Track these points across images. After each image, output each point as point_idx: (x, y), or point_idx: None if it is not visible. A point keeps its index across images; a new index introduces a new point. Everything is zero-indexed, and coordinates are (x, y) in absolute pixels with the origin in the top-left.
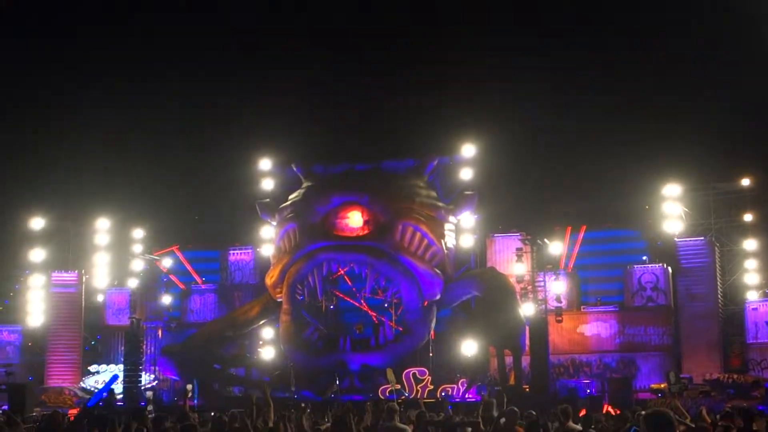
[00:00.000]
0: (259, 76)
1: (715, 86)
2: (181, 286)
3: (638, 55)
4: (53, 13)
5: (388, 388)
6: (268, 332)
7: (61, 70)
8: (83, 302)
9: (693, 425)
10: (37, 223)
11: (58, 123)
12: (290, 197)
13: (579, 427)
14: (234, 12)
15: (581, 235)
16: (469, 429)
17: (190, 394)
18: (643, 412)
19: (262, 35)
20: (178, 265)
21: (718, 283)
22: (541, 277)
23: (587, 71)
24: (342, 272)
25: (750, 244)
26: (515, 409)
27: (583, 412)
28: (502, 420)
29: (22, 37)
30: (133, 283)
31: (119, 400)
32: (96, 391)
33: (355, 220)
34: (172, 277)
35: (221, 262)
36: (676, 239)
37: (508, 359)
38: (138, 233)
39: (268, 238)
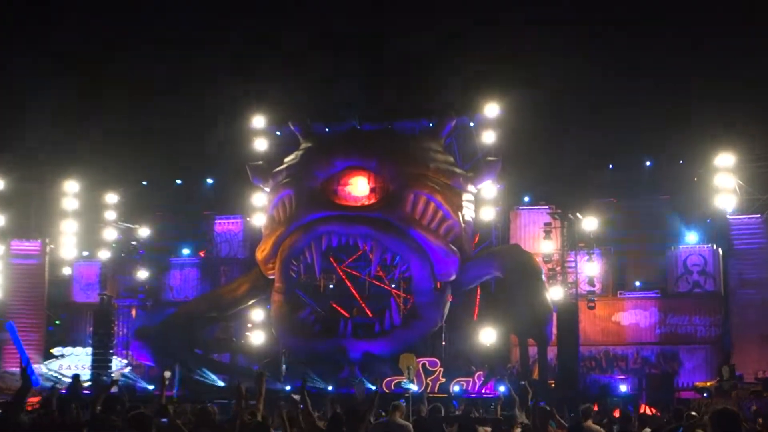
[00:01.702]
0: (252, 22)
1: None
2: (159, 259)
3: (690, 3)
4: None
5: (394, 380)
6: (257, 314)
7: (26, 8)
8: (47, 276)
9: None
10: None
11: (19, 70)
12: (286, 160)
13: (598, 427)
14: None
15: (619, 209)
16: (489, 429)
17: (167, 383)
18: (690, 413)
19: None
20: (157, 235)
21: None
22: (571, 257)
23: (630, 20)
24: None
25: None
26: (546, 407)
27: (616, 413)
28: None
29: None
30: (104, 254)
31: (86, 388)
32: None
33: (360, 187)
34: (149, 249)
35: (206, 232)
36: (728, 217)
37: (532, 350)
38: (111, 198)
39: (260, 206)
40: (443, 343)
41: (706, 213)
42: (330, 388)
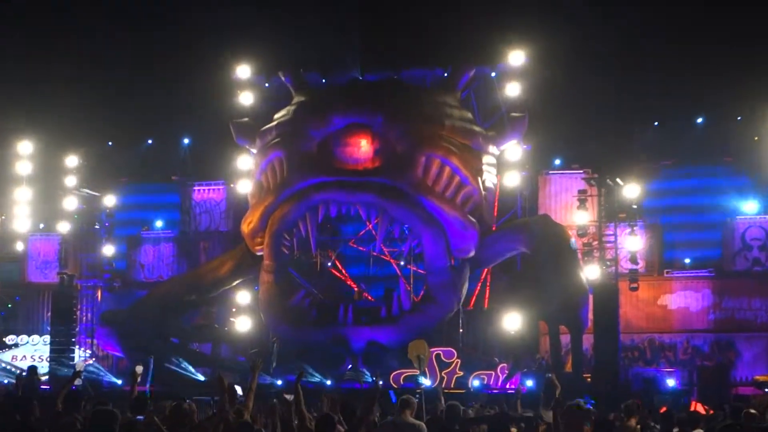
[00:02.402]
0: None
1: None
2: (129, 232)
3: None
4: None
5: (404, 373)
6: (243, 296)
7: None
8: None
9: None
10: None
11: None
12: (276, 117)
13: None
14: None
15: (666, 174)
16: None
17: (140, 378)
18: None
19: None
20: (125, 205)
21: None
22: (610, 230)
23: None
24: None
25: None
26: (581, 405)
27: (663, 410)
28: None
29: None
30: (64, 227)
31: (44, 383)
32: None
33: (362, 148)
34: (117, 221)
35: (183, 201)
36: None
37: (565, 339)
38: (71, 161)
39: (246, 171)
40: (460, 330)
41: None
42: (329, 383)
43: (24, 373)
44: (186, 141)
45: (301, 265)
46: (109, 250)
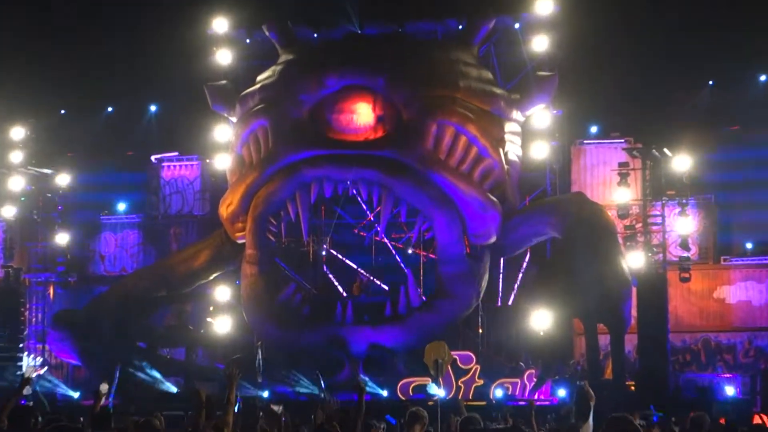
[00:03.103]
0: None
1: None
2: (86, 218)
3: None
4: None
5: (413, 382)
6: (222, 292)
7: None
8: None
9: None
10: None
11: None
12: (259, 78)
13: None
14: None
15: (723, 143)
16: None
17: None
18: None
19: None
20: (82, 185)
21: None
22: (657, 210)
23: None
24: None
25: None
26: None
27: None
28: None
29: None
30: (8, 211)
31: None
32: None
33: (362, 115)
34: (72, 204)
35: (149, 180)
36: None
37: (604, 339)
38: (17, 133)
39: (224, 143)
40: (480, 330)
41: None
42: (322, 395)
43: None
44: (153, 109)
45: (291, 254)
46: (62, 238)
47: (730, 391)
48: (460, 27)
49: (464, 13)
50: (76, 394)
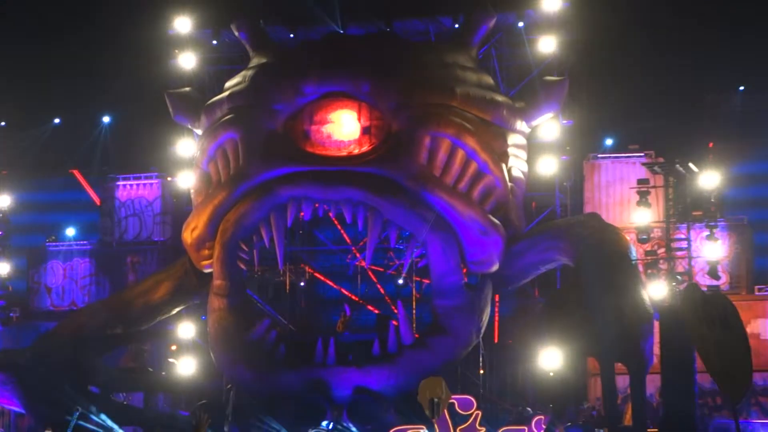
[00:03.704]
0: None
1: None
2: (30, 244)
3: None
4: None
5: (406, 431)
6: (186, 329)
7: None
8: None
9: None
10: None
11: None
12: (228, 85)
13: None
14: None
15: (756, 156)
16: None
17: None
18: None
19: None
20: (25, 206)
21: None
22: (682, 233)
23: None
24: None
25: None
26: None
27: None
28: None
29: None
30: None
31: None
32: None
33: (345, 126)
34: (14, 229)
35: (102, 201)
36: None
37: (622, 381)
38: None
39: (188, 159)
40: (481, 372)
41: None
42: None
43: None
44: (105, 120)
45: (265, 285)
46: (2, 268)
47: None
48: (456, 26)
49: (460, 10)
50: None
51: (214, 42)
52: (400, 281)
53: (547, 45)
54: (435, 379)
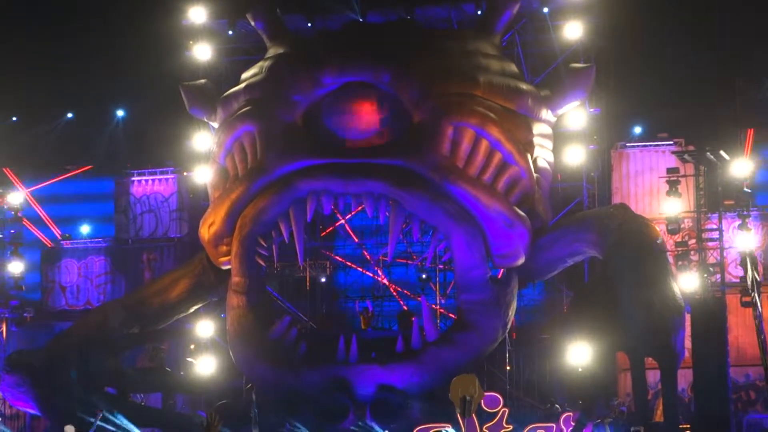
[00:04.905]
0: None
1: None
2: (46, 242)
3: None
4: None
5: (431, 429)
6: (205, 328)
7: None
8: None
9: None
10: None
11: None
12: (244, 77)
13: None
14: None
15: None
16: None
17: None
18: None
19: None
20: (39, 203)
21: None
22: (714, 223)
23: None
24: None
25: None
26: None
27: None
28: None
29: None
30: None
31: None
32: None
33: (365, 117)
34: (28, 225)
35: (117, 197)
36: None
37: (653, 376)
38: None
39: (204, 153)
40: (507, 368)
41: None
42: None
43: None
44: (120, 114)
45: (285, 281)
46: (15, 267)
47: None
48: (479, 12)
49: None
50: None
51: (230, 32)
52: (424, 276)
53: (573, 31)
54: (468, 377)
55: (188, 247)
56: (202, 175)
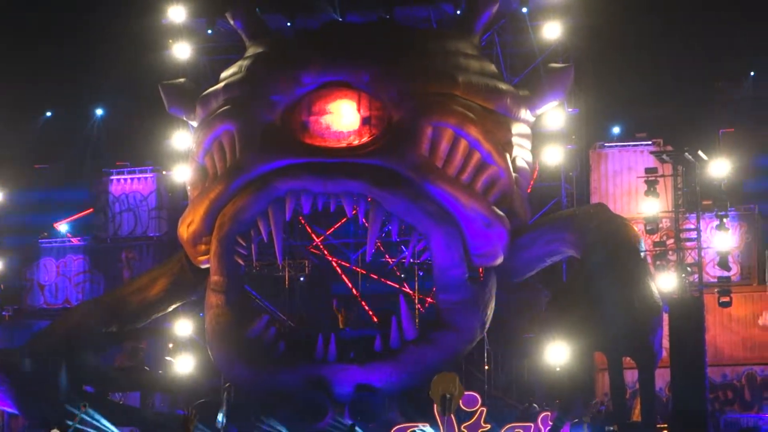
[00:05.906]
0: None
1: None
2: (22, 241)
3: None
4: None
5: (408, 429)
6: (183, 326)
7: None
8: None
9: None
10: None
11: None
12: (223, 76)
13: None
14: None
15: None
16: None
17: None
18: None
19: None
20: (15, 203)
21: None
22: (691, 223)
23: None
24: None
25: None
26: None
27: None
28: None
29: None
30: None
31: None
32: None
33: (345, 117)
34: (5, 227)
35: (96, 196)
36: None
37: (631, 375)
38: None
39: (183, 152)
40: (486, 367)
41: None
42: None
43: None
44: (99, 112)
45: (263, 280)
46: None
47: None
48: (458, 12)
49: None
50: None
51: (209, 31)
52: (403, 275)
53: (552, 31)
54: (448, 375)
55: (167, 246)
56: (181, 174)
